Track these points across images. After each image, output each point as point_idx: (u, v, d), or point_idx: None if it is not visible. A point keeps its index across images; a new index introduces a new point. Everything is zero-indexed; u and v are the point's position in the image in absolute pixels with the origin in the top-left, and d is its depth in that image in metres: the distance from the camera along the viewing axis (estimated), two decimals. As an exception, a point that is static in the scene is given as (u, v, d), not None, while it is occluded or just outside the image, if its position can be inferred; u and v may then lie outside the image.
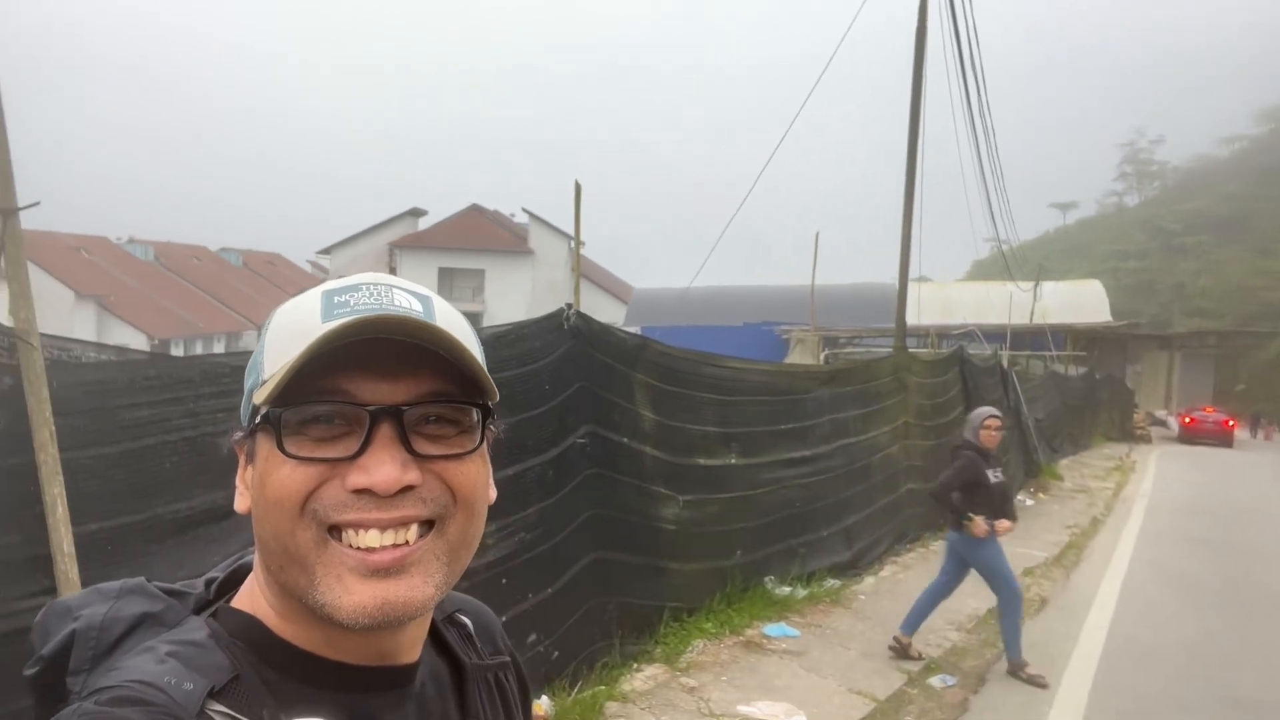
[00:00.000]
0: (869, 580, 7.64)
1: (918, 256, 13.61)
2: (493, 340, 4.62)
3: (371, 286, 0.70)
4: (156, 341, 37.42)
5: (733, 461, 6.06)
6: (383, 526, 0.65)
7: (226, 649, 0.67)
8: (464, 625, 0.87)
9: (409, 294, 0.71)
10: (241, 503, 0.71)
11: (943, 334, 27.74)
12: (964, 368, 10.82)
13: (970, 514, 5.68)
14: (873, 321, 32.57)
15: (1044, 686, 5.53)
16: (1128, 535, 11.07)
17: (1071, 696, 5.40)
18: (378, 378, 0.66)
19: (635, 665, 5.03)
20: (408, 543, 0.66)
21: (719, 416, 5.94)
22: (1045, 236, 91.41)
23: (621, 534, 5.09)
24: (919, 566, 8.36)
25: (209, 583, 0.76)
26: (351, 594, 0.65)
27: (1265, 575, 9.33)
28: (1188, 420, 32.50)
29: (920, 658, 5.87)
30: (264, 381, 0.68)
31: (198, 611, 0.73)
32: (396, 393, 0.66)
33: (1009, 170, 17.74)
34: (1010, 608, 5.76)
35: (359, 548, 0.65)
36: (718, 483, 5.91)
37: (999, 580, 5.76)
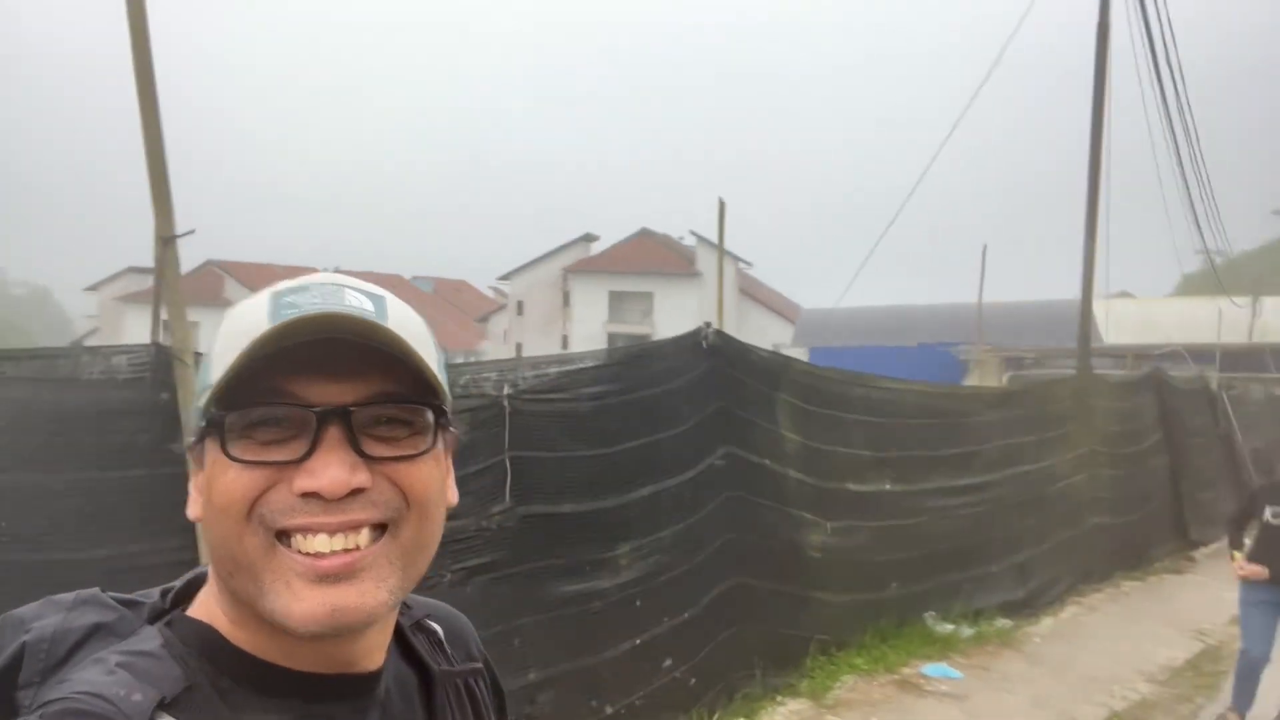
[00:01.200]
0: (1046, 621, 7.00)
1: (1106, 270, 12.49)
2: (630, 359, 4.60)
3: (321, 286, 0.68)
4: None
5: (887, 487, 5.72)
6: (331, 530, 0.63)
7: (179, 659, 0.65)
8: (433, 631, 0.84)
9: (361, 294, 0.68)
10: (193, 509, 0.70)
11: (1143, 355, 25.45)
12: (1161, 391, 9.79)
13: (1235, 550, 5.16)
14: (1063, 341, 30.38)
15: None
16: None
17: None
18: (326, 379, 0.64)
19: (778, 698, 4.82)
20: (358, 547, 0.64)
21: (871, 439, 5.62)
22: (1267, 247, 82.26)
23: (763, 559, 4.91)
24: (1107, 609, 7.60)
25: (165, 592, 0.75)
26: (301, 601, 0.63)
27: None
28: None
29: None
30: (210, 384, 0.65)
31: (153, 621, 0.71)
32: (345, 394, 0.64)
33: (1222, 175, 16.06)
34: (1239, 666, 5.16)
35: (307, 553, 0.63)
36: (870, 509, 5.60)
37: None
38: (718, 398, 4.74)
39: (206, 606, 0.70)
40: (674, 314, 42.43)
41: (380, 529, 0.65)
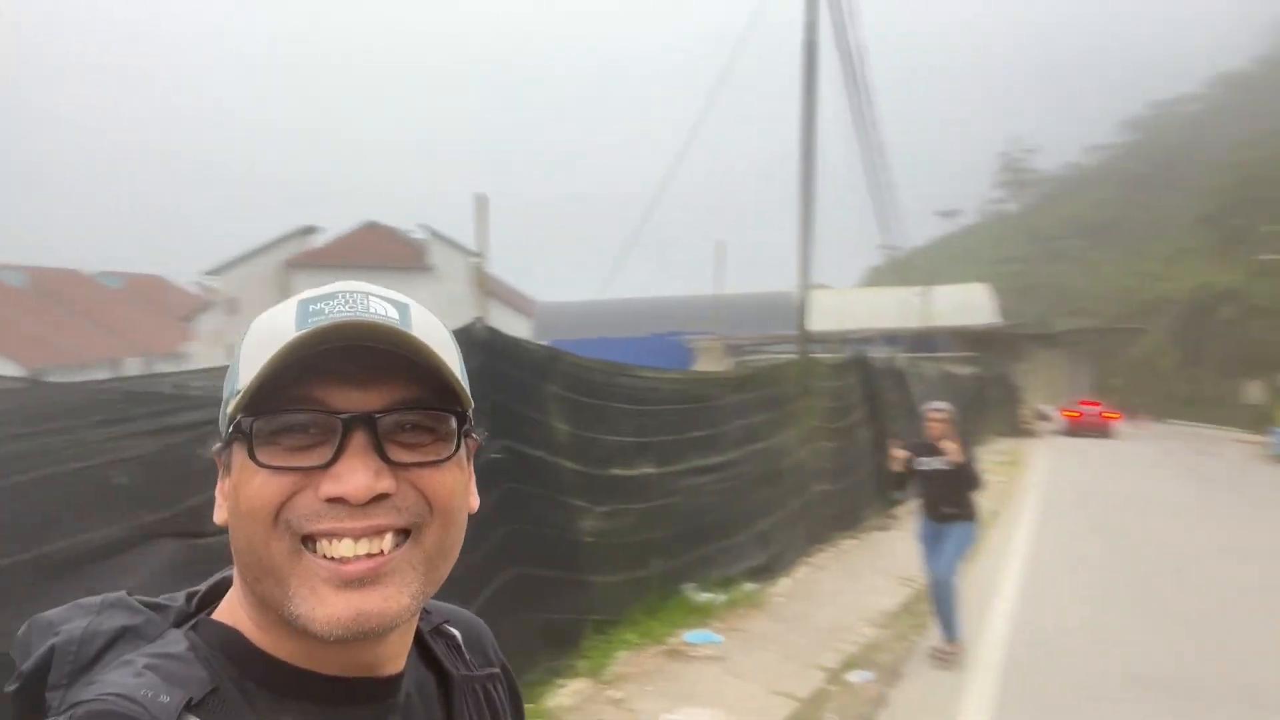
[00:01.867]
0: (784, 582, 7.75)
1: (816, 264, 13.92)
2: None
3: (348, 294, 0.69)
4: (30, 372, 35.15)
5: (649, 471, 6.05)
6: (356, 536, 0.65)
7: (205, 662, 0.67)
8: (452, 636, 0.86)
9: (386, 301, 0.70)
10: (220, 514, 0.71)
11: (842, 339, 28.51)
12: (864, 371, 11.14)
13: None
14: (774, 328, 33.26)
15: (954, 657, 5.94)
16: (1025, 525, 11.58)
17: (984, 684, 5.58)
18: (351, 386, 0.66)
19: (559, 681, 4.96)
20: (382, 552, 0.65)
21: (634, 426, 5.92)
22: (934, 243, 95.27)
23: (540, 549, 5.02)
24: (832, 566, 8.53)
25: (190, 596, 0.76)
26: (326, 605, 0.64)
27: (1157, 557, 9.90)
28: (1071, 414, 34.34)
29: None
30: (238, 391, 0.66)
31: (178, 625, 0.72)
32: (370, 400, 0.66)
33: (898, 179, 18.40)
34: (931, 597, 6.17)
35: (332, 558, 0.65)
36: (635, 493, 5.89)
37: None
38: (492, 392, 4.77)
39: (231, 610, 0.71)
40: (422, 311, 41.20)
41: (404, 534, 0.67)
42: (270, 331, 0.67)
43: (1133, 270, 71.43)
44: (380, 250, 43.16)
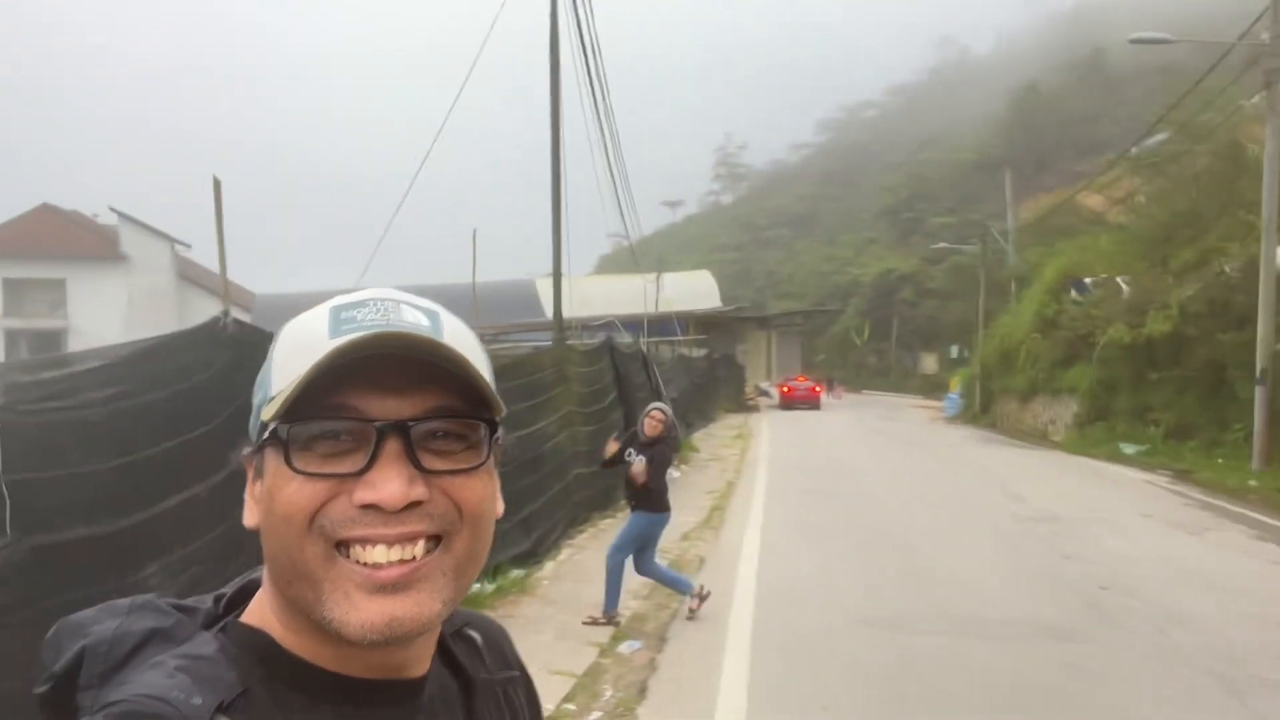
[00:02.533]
0: (549, 565, 7.89)
1: (556, 252, 14.15)
2: (141, 357, 4.06)
3: (379, 302, 0.70)
4: None
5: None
6: (389, 542, 0.66)
7: (235, 663, 0.68)
8: (473, 640, 0.87)
9: (417, 309, 0.71)
10: (250, 517, 0.72)
11: (584, 325, 29.16)
12: (614, 356, 11.54)
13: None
14: (518, 316, 33.33)
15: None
16: (758, 493, 12.61)
17: (739, 639, 6.06)
18: (385, 393, 0.66)
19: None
20: (414, 558, 0.67)
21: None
22: (660, 232, 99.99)
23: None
24: (592, 546, 8.80)
25: (218, 598, 0.76)
26: (359, 610, 0.65)
27: (869, 514, 11.17)
28: (785, 389, 37.78)
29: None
30: (272, 398, 0.68)
31: (207, 627, 0.72)
32: (403, 408, 0.67)
33: (631, 170, 19.13)
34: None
35: (366, 563, 0.66)
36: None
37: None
38: (243, 392, 4.41)
39: (260, 612, 0.72)
40: (95, 305, 36.47)
41: (435, 541, 0.68)
42: (303, 339, 0.68)
43: (829, 257, 79.41)
44: (60, 237, 37.78)
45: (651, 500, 6.54)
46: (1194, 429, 16.42)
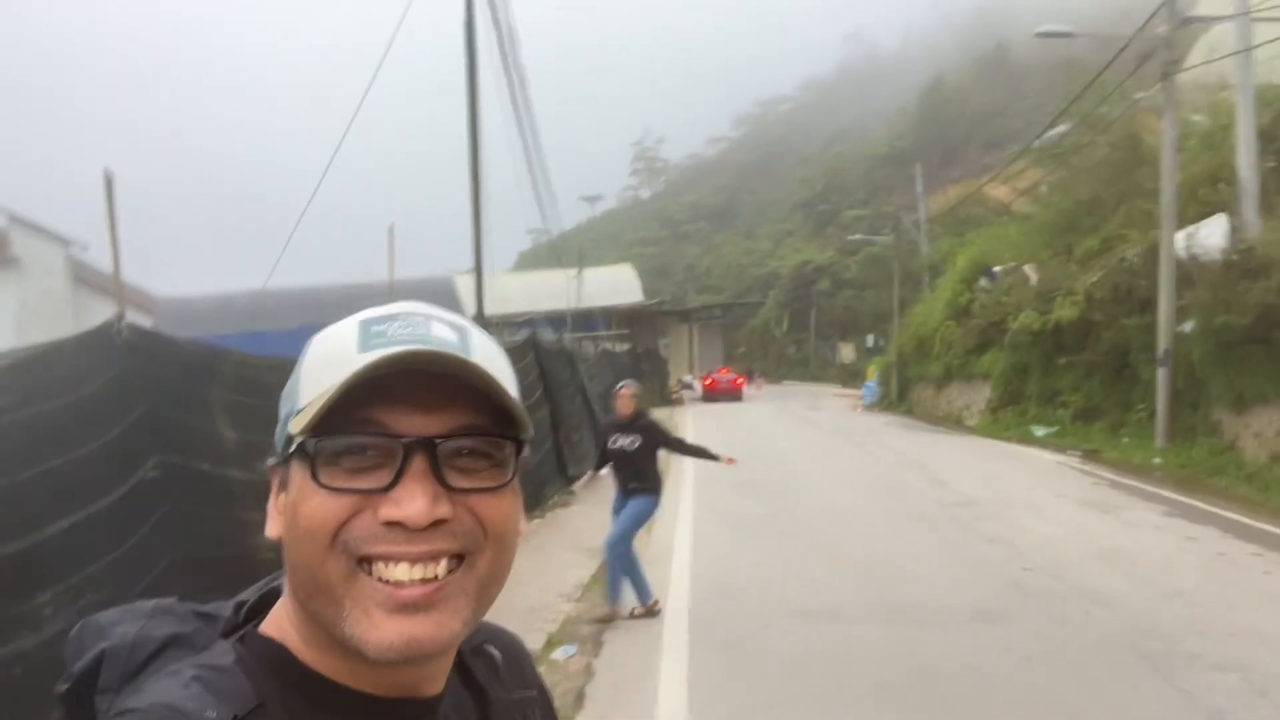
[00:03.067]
0: (477, 571, 7.64)
1: (475, 250, 13.87)
2: (20, 367, 3.71)
3: (409, 316, 0.71)
4: None
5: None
6: (412, 560, 0.65)
7: (251, 676, 0.68)
8: (492, 657, 0.86)
9: (446, 325, 0.71)
10: (273, 528, 0.72)
11: (506, 322, 28.78)
12: (538, 353, 11.33)
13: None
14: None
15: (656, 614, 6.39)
16: (686, 487, 12.56)
17: (676, 639, 5.95)
18: (412, 409, 0.66)
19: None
20: (437, 578, 0.66)
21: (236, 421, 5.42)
22: (579, 227, 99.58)
23: (211, 574, 4.42)
24: (523, 547, 8.38)
25: (239, 606, 0.76)
26: (378, 629, 0.65)
27: (799, 504, 11.23)
28: (708, 382, 38.07)
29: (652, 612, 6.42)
30: (299, 410, 0.68)
31: (226, 635, 0.72)
32: (430, 425, 0.66)
33: (550, 164, 18.89)
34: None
35: (388, 581, 0.65)
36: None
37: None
38: (142, 401, 4.10)
39: (278, 623, 0.72)
40: (-17, 311, 34.43)
41: (458, 559, 0.67)
42: (332, 353, 0.69)
43: (748, 250, 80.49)
44: (-60, 240, 35.43)
45: (651, 481, 6.50)
46: (1101, 410, 17.06)
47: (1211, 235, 14.48)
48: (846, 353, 57.94)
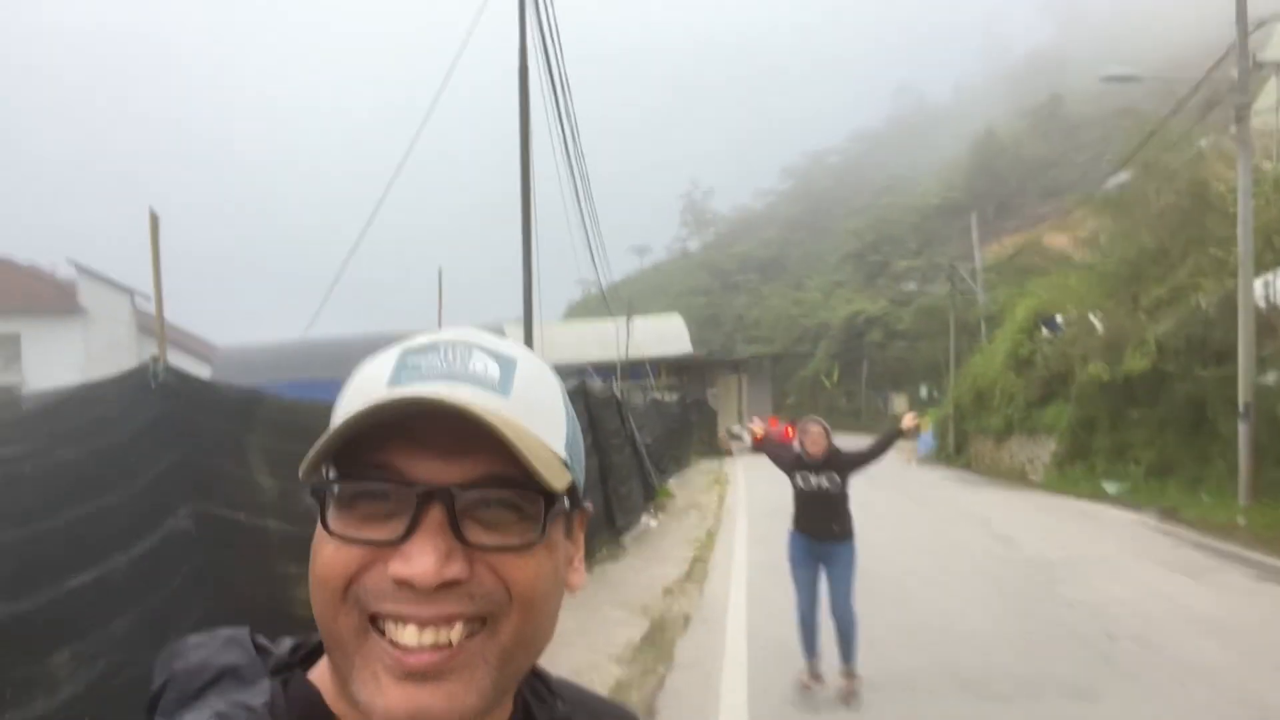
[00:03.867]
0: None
1: (531, 296, 13.80)
2: (52, 410, 3.55)
3: (450, 347, 0.66)
4: None
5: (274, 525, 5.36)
6: (422, 623, 0.60)
7: (276, 718, 0.65)
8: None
9: (490, 357, 0.66)
10: None
11: (556, 371, 28.66)
12: (587, 401, 11.08)
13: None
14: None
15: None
16: (740, 542, 12.10)
17: (734, 707, 5.54)
18: (431, 454, 0.61)
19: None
20: (450, 644, 0.60)
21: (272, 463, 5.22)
22: (628, 278, 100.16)
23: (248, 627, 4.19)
24: (569, 603, 8.14)
25: (296, 647, 0.72)
26: (384, 695, 0.60)
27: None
28: (758, 434, 37.42)
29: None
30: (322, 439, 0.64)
31: (275, 672, 0.69)
32: (451, 472, 0.61)
33: (601, 213, 18.87)
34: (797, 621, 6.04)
35: (396, 644, 0.60)
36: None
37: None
38: (176, 447, 3.92)
39: (323, 669, 0.68)
40: (53, 359, 35.50)
41: (479, 622, 0.61)
42: (365, 383, 0.66)
43: (797, 301, 79.98)
44: (14, 290, 36.83)
45: (850, 521, 5.95)
46: (1176, 466, 16.20)
47: (1293, 283, 13.80)
48: (899, 404, 56.79)
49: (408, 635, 0.59)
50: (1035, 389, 22.09)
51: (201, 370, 38.37)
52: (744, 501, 17.24)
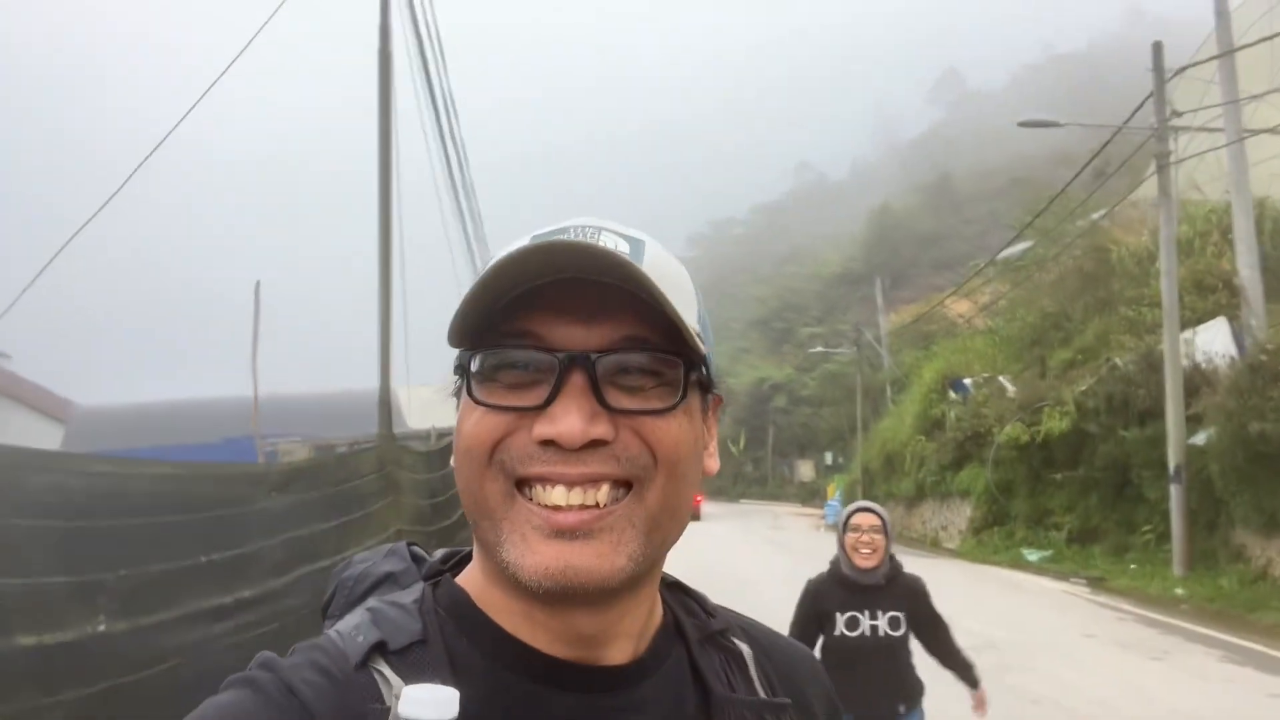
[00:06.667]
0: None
1: (405, 359, 12.05)
2: None
3: (579, 228, 0.66)
4: None
5: (102, 629, 3.62)
6: (570, 483, 0.61)
7: (426, 615, 0.67)
8: (736, 651, 0.76)
9: (618, 235, 0.66)
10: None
11: (445, 435, 26.72)
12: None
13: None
14: (372, 429, 30.46)
15: None
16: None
17: None
18: (572, 322, 0.63)
19: None
20: (598, 504, 0.62)
21: (67, 555, 3.49)
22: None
23: None
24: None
25: (449, 555, 0.75)
26: (534, 553, 0.61)
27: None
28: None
29: None
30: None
31: (428, 579, 0.72)
32: (591, 338, 0.62)
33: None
34: None
35: (545, 505, 0.62)
36: (71, 672, 3.43)
37: None
38: None
39: (470, 572, 0.71)
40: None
41: (625, 488, 0.63)
42: (495, 260, 0.65)
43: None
44: None
45: (919, 688, 3.62)
46: (1100, 532, 15.47)
47: (1214, 339, 13.34)
48: (805, 471, 56.47)
49: (556, 495, 0.61)
50: (948, 451, 21.39)
51: (54, 432, 34.75)
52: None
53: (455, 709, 0.56)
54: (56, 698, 3.37)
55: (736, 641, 0.76)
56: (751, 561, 18.53)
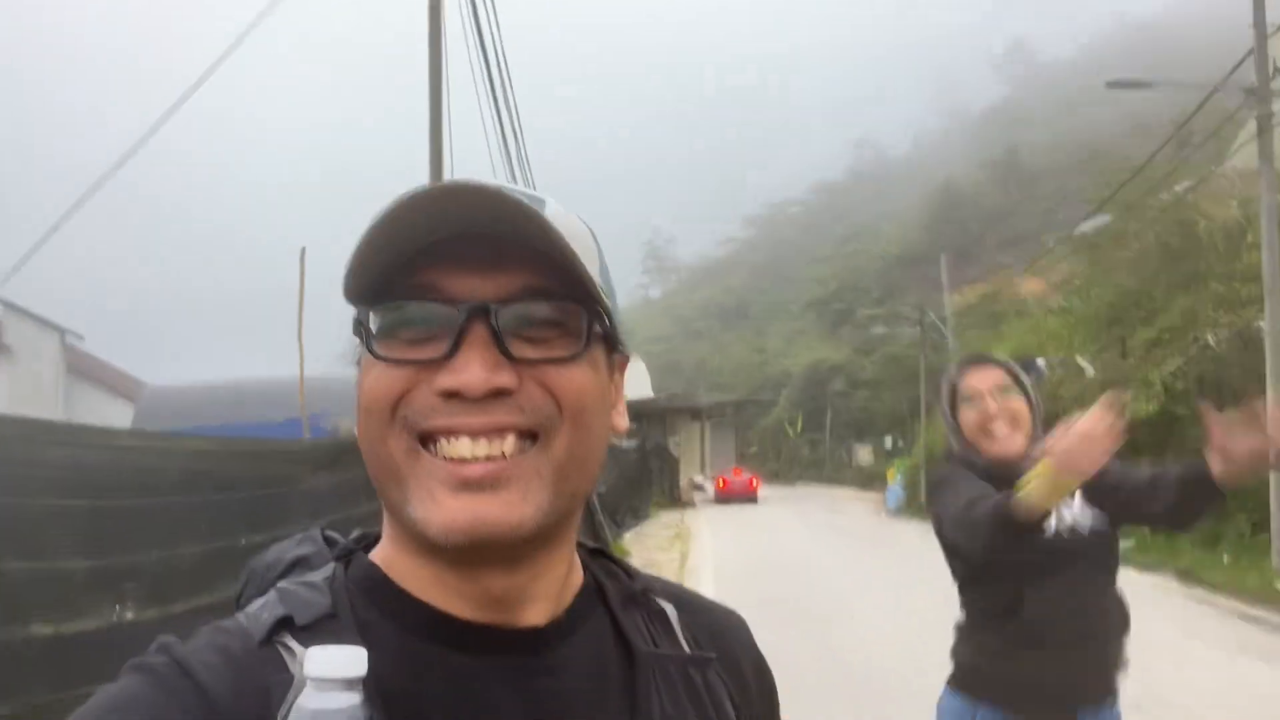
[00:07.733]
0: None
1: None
2: None
3: (484, 184, 0.65)
4: None
5: (129, 618, 3.33)
6: (474, 433, 0.61)
7: (335, 591, 0.66)
8: (658, 609, 0.75)
9: (520, 194, 0.64)
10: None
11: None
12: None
13: None
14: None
15: None
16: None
17: None
18: (470, 272, 0.62)
19: None
20: (503, 455, 0.61)
21: (88, 537, 3.20)
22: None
23: None
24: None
25: (362, 536, 0.73)
26: (441, 508, 0.60)
27: (845, 630, 8.96)
28: (721, 483, 35.81)
29: None
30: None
31: (339, 558, 0.71)
32: (490, 288, 0.62)
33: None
34: None
35: (450, 458, 0.61)
36: (90, 665, 3.15)
37: None
38: None
39: (381, 546, 0.70)
40: (-37, 399, 32.66)
41: (530, 439, 0.62)
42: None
43: (758, 348, 78.94)
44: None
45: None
46: (1188, 521, 14.60)
47: (1320, 315, 12.37)
48: (864, 455, 55.38)
49: (461, 447, 0.60)
50: (1020, 436, 20.51)
51: (125, 411, 35.68)
52: (710, 561, 15.27)
53: (364, 667, 0.54)
54: (75, 692, 3.08)
55: (660, 600, 0.76)
56: (816, 547, 18.04)
